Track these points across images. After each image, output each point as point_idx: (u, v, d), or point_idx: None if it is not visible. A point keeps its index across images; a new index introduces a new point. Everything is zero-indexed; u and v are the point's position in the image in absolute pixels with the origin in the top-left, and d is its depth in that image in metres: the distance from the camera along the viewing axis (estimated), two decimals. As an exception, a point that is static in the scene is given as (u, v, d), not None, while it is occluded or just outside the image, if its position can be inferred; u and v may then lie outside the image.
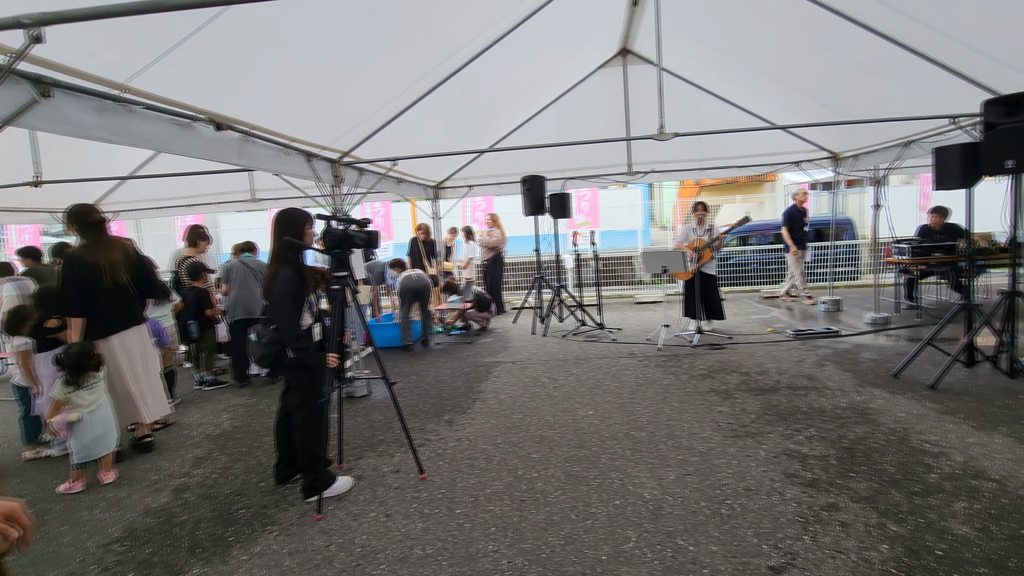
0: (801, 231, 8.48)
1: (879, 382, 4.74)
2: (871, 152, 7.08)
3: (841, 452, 3.49)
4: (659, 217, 16.72)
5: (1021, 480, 3.01)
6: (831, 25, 4.64)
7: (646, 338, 6.88)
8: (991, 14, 3.92)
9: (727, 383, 4.97)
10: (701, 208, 6.84)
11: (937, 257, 7.18)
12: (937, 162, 4.69)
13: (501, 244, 9.15)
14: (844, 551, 2.55)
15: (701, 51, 6.46)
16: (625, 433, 4.02)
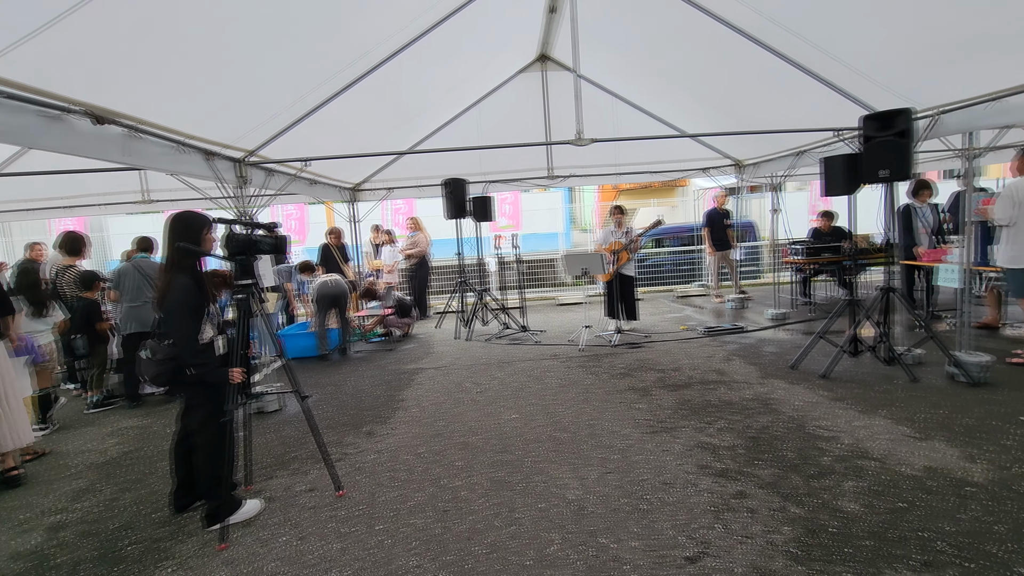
0: (722, 232, 8.96)
1: (779, 374, 5.10)
2: (769, 160, 7.65)
3: (748, 442, 3.71)
4: (580, 220, 17.20)
5: (898, 457, 3.34)
6: (732, 41, 4.95)
7: (568, 339, 7.01)
8: (867, 40, 4.35)
9: (645, 381, 5.15)
10: (618, 212, 7.07)
11: (826, 257, 7.88)
12: (824, 171, 5.12)
13: (426, 248, 8.99)
14: (752, 536, 2.69)
15: (617, 60, 6.69)
16: (549, 435, 4.04)
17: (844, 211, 6.00)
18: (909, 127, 4.42)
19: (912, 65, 4.37)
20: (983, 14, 3.58)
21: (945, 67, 4.20)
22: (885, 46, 4.34)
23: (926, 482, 3.04)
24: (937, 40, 3.99)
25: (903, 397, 4.29)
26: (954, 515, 2.73)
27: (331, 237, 8.56)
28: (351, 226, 8.49)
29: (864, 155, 4.63)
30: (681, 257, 11.23)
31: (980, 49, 3.87)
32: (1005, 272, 5.01)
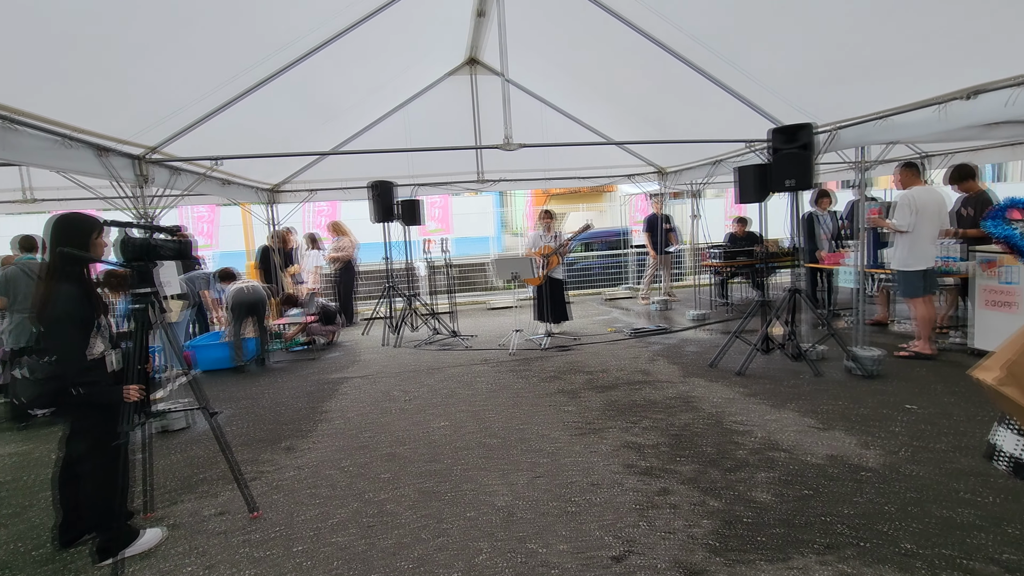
0: (663, 235, 9.26)
1: (700, 372, 5.34)
2: (690, 168, 8.04)
3: (670, 439, 3.84)
4: (512, 224, 17.32)
5: (804, 448, 3.57)
6: (654, 53, 5.14)
7: (499, 343, 7.00)
8: (775, 59, 4.65)
9: (574, 383, 5.22)
10: (547, 216, 7.16)
11: (741, 260, 8.38)
12: (738, 179, 5.42)
13: (351, 252, 8.68)
14: (674, 531, 2.77)
15: (546, 66, 6.78)
16: (479, 441, 3.99)
17: (757, 217, 6.40)
18: (811, 141, 4.77)
19: (814, 84, 4.73)
20: (873, 41, 3.92)
21: (841, 87, 4.57)
22: (791, 66, 4.66)
23: (828, 469, 3.27)
24: (835, 62, 4.34)
25: (808, 391, 4.61)
26: (852, 499, 2.94)
27: (275, 240, 8.08)
28: (269, 228, 8.05)
29: (772, 165, 4.95)
30: (609, 260, 11.55)
31: (870, 72, 4.24)
32: (897, 274, 5.49)
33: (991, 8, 3.06)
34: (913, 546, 2.53)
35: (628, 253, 11.44)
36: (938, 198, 5.32)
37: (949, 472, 3.15)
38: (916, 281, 5.28)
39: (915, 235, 5.21)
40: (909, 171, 5.51)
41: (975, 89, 3.69)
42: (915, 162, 5.78)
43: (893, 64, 4.05)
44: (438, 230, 10.12)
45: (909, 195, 5.26)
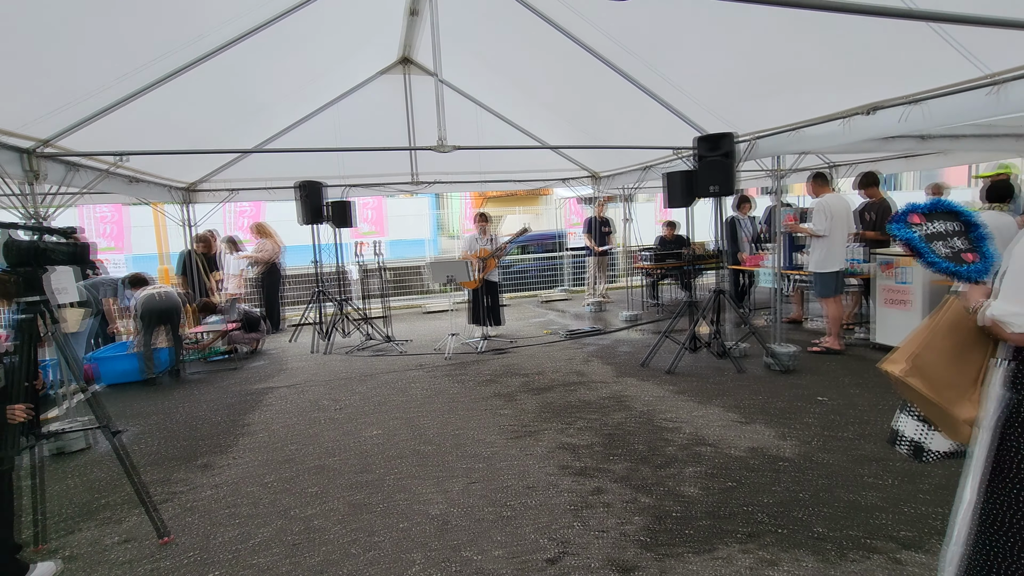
0: (602, 239, 9.42)
1: (632, 372, 5.48)
2: (622, 173, 8.26)
3: (604, 439, 3.90)
4: (448, 226, 17.16)
5: (728, 441, 3.73)
6: (585, 59, 5.24)
7: (435, 348, 6.89)
8: (700, 70, 4.85)
9: (510, 386, 5.21)
10: (482, 219, 7.13)
11: (670, 262, 8.71)
12: (666, 185, 5.63)
13: (276, 255, 8.25)
14: (607, 529, 2.80)
15: (481, 69, 6.75)
16: (413, 449, 3.89)
17: (685, 221, 6.67)
18: (732, 149, 5.02)
19: (735, 96, 4.98)
20: (786, 57, 4.18)
21: (759, 100, 4.84)
22: (714, 78, 4.89)
23: (750, 461, 3.43)
24: (752, 77, 4.59)
25: (732, 387, 4.84)
26: (771, 488, 3.10)
27: (200, 244, 7.51)
28: (185, 230, 7.51)
29: (698, 172, 5.17)
30: (545, 263, 11.70)
31: (784, 87, 4.52)
32: (813, 275, 5.88)
33: (887, 32, 3.32)
34: (824, 529, 2.69)
35: (564, 256, 11.62)
36: (846, 204, 5.75)
37: (855, 458, 3.39)
38: (830, 282, 5.68)
39: (830, 239, 5.60)
40: (819, 180, 5.93)
41: (874, 105, 4.01)
42: (824, 172, 6.23)
43: (804, 80, 4.34)
44: (371, 232, 9.82)
45: (823, 202, 5.66)
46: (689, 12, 4.08)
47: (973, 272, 1.73)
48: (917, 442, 1.90)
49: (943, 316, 1.76)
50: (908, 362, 1.73)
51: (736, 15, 3.83)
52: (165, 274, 9.18)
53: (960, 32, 3.07)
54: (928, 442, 1.87)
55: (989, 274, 1.72)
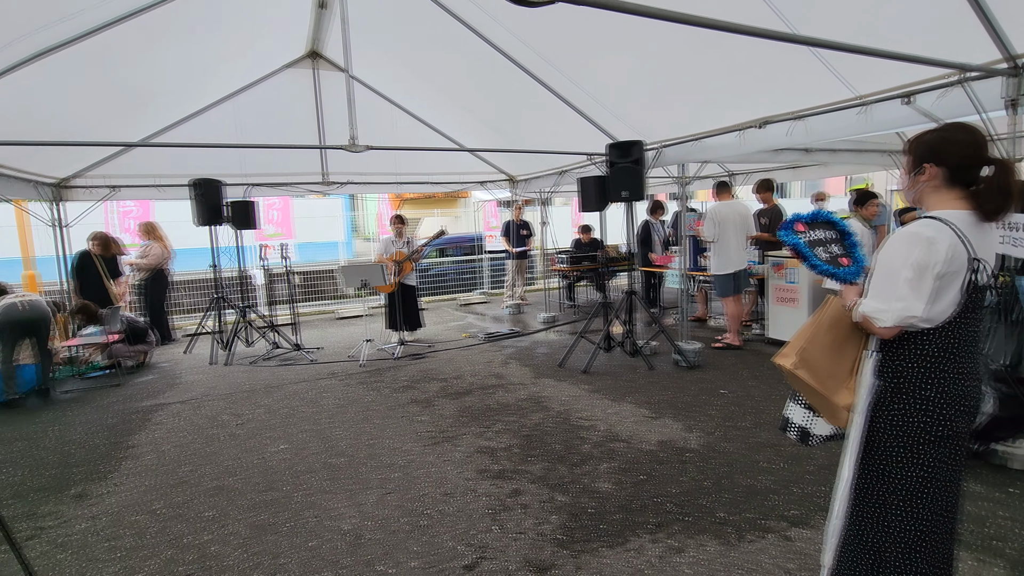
0: (520, 242, 9.45)
1: (550, 372, 5.56)
2: (538, 177, 8.40)
3: (522, 440, 3.91)
4: (363, 229, 16.60)
5: (640, 436, 3.87)
6: (501, 63, 5.26)
7: (348, 355, 6.61)
8: (612, 80, 5.03)
9: (427, 392, 5.10)
10: (398, 221, 6.96)
11: (585, 265, 8.97)
12: (580, 189, 5.78)
13: (164, 260, 7.51)
14: (524, 531, 2.80)
15: (396, 69, 6.59)
16: (323, 463, 3.69)
17: (598, 225, 6.88)
18: (642, 156, 5.24)
19: (643, 106, 5.22)
20: (690, 71, 4.43)
21: (665, 110, 5.10)
22: (624, 87, 5.09)
23: (659, 454, 3.58)
24: (659, 87, 4.83)
25: (643, 384, 5.04)
26: (678, 479, 3.25)
27: (94, 244, 6.62)
28: (56, 231, 6.66)
29: (610, 178, 5.35)
30: (464, 266, 11.64)
31: (688, 99, 4.80)
32: (714, 277, 6.28)
33: (776, 54, 3.61)
34: (725, 514, 2.85)
35: (483, 259, 11.63)
36: (742, 210, 6.20)
37: (752, 445, 3.64)
38: (728, 283, 6.09)
39: (724, 243, 6.01)
40: (721, 188, 6.34)
41: (765, 120, 4.36)
42: (725, 181, 6.70)
43: (705, 94, 4.63)
44: (277, 234, 9.22)
45: (712, 210, 6.09)
46: (601, 25, 4.21)
47: (848, 274, 1.91)
48: (804, 428, 2.06)
49: (825, 313, 1.93)
50: (797, 356, 1.88)
51: (644, 31, 4.00)
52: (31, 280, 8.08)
53: (835, 58, 3.41)
54: (812, 427, 2.03)
55: (860, 276, 1.91)
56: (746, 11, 3.22)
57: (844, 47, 2.34)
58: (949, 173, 1.73)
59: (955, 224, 1.67)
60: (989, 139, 1.76)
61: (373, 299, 9.86)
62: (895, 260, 1.70)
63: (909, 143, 1.84)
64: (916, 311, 1.66)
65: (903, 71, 3.09)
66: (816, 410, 2.01)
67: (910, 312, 1.66)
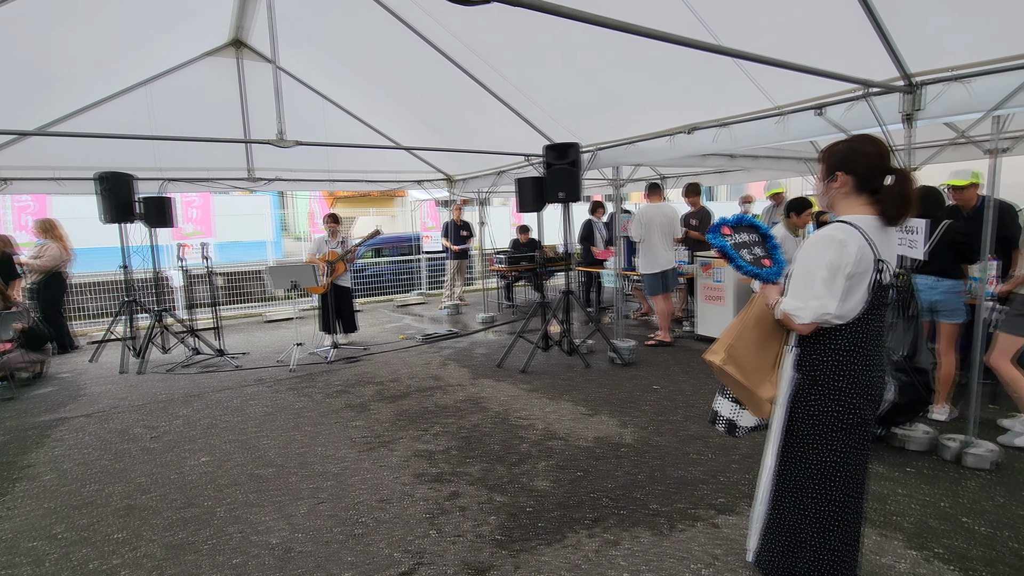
0: (461, 242, 9.32)
1: (488, 373, 5.55)
2: (476, 177, 8.36)
3: (460, 442, 3.87)
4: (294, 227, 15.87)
5: (577, 433, 3.93)
6: (440, 63, 5.19)
7: (277, 360, 6.30)
8: (548, 82, 5.07)
9: (363, 396, 4.95)
10: (331, 220, 6.71)
11: (523, 265, 9.03)
12: (518, 190, 5.81)
13: (62, 261, 6.80)
14: (463, 533, 2.77)
15: (327, 62, 6.34)
16: (249, 474, 3.48)
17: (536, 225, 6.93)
18: (578, 158, 5.33)
19: (579, 109, 5.30)
20: (622, 77, 4.54)
21: (600, 114, 5.21)
22: (562, 91, 5.15)
23: (595, 450, 3.65)
24: (596, 92, 4.92)
25: (580, 381, 5.13)
26: (614, 473, 3.32)
27: None
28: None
29: (547, 179, 5.40)
30: (401, 266, 11.42)
31: (622, 103, 4.92)
32: (642, 276, 6.49)
33: (703, 63, 3.76)
34: (658, 506, 2.95)
35: (420, 259, 11.45)
36: (668, 212, 6.45)
37: (683, 438, 3.78)
38: (656, 282, 6.32)
39: (648, 244, 6.22)
40: (652, 191, 6.57)
41: (693, 126, 4.55)
42: (657, 183, 6.94)
43: (638, 99, 4.77)
44: (196, 233, 8.60)
45: (639, 211, 6.31)
46: (538, 28, 4.24)
47: (770, 274, 2.03)
48: (731, 420, 2.16)
49: (750, 312, 2.04)
50: (725, 352, 1.97)
51: (579, 36, 4.08)
52: None
53: (756, 70, 3.61)
54: (739, 419, 2.14)
55: (781, 276, 2.03)
56: (674, 21, 3.35)
57: (763, 59, 2.47)
58: (857, 181, 1.87)
59: (863, 228, 1.81)
60: (890, 150, 1.92)
61: (304, 301, 9.46)
62: (811, 261, 1.82)
63: (823, 152, 1.97)
64: (830, 308, 1.78)
65: (816, 85, 3.31)
66: (742, 403, 2.11)
67: (825, 309, 1.78)
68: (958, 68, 2.95)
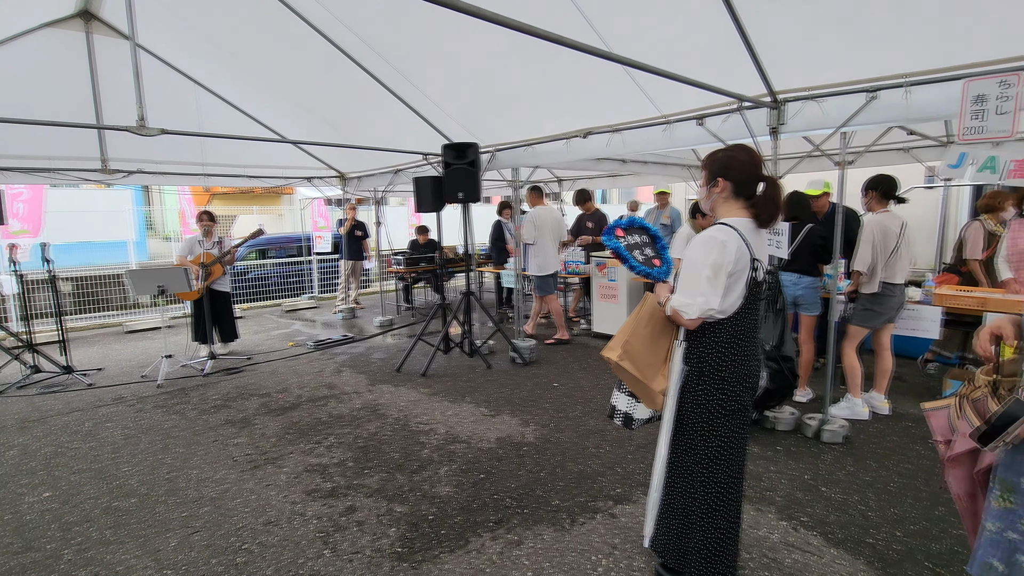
0: (356, 243, 8.83)
1: (387, 378, 5.33)
2: (371, 175, 8.03)
3: (357, 452, 3.66)
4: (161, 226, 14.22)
5: (479, 435, 3.89)
6: (331, 54, 4.88)
7: (142, 375, 5.59)
8: (445, 81, 4.97)
9: (245, 410, 4.53)
10: (206, 218, 6.09)
11: (423, 266, 8.84)
12: (416, 190, 5.64)
13: None
14: (360, 550, 2.61)
15: (201, 46, 5.72)
16: (104, 508, 3.03)
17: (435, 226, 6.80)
18: (477, 159, 5.30)
19: (479, 110, 5.26)
20: (522, 80, 4.57)
21: (500, 115, 5.21)
22: (461, 91, 5.07)
23: (498, 451, 3.63)
24: (495, 93, 4.91)
25: (482, 383, 5.10)
26: (516, 473, 3.32)
27: None
28: None
29: (446, 178, 5.31)
30: (289, 269, 10.69)
31: (521, 106, 4.95)
32: (535, 278, 6.60)
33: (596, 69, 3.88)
34: (559, 501, 2.99)
35: (311, 260, 10.80)
36: (556, 215, 6.61)
37: (582, 433, 3.88)
38: (548, 283, 6.46)
39: (541, 246, 6.34)
40: (534, 193, 6.68)
41: (588, 130, 4.70)
42: (538, 186, 7.03)
43: (536, 102, 4.83)
44: (23, 232, 7.26)
45: (530, 214, 6.40)
46: (435, 24, 4.14)
47: (660, 274, 2.15)
48: (627, 413, 2.23)
49: (643, 309, 2.12)
50: (621, 348, 2.04)
51: (477, 35, 4.03)
52: None
53: (645, 80, 3.81)
54: (635, 412, 2.21)
55: (670, 275, 2.14)
56: (570, 27, 3.43)
57: (650, 68, 2.59)
58: (735, 187, 2.01)
59: (740, 229, 1.95)
60: (762, 159, 2.09)
61: (175, 308, 8.51)
62: (697, 261, 1.93)
63: (705, 160, 2.11)
64: (714, 304, 1.89)
65: (697, 96, 3.55)
66: (637, 396, 2.18)
67: (709, 305, 1.89)
68: (813, 88, 3.32)
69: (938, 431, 1.66)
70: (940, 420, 1.65)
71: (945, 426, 1.63)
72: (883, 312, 3.87)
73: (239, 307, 9.38)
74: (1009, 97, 2.47)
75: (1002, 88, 2.49)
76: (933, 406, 1.69)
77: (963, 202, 7.89)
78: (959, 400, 1.60)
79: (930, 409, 1.70)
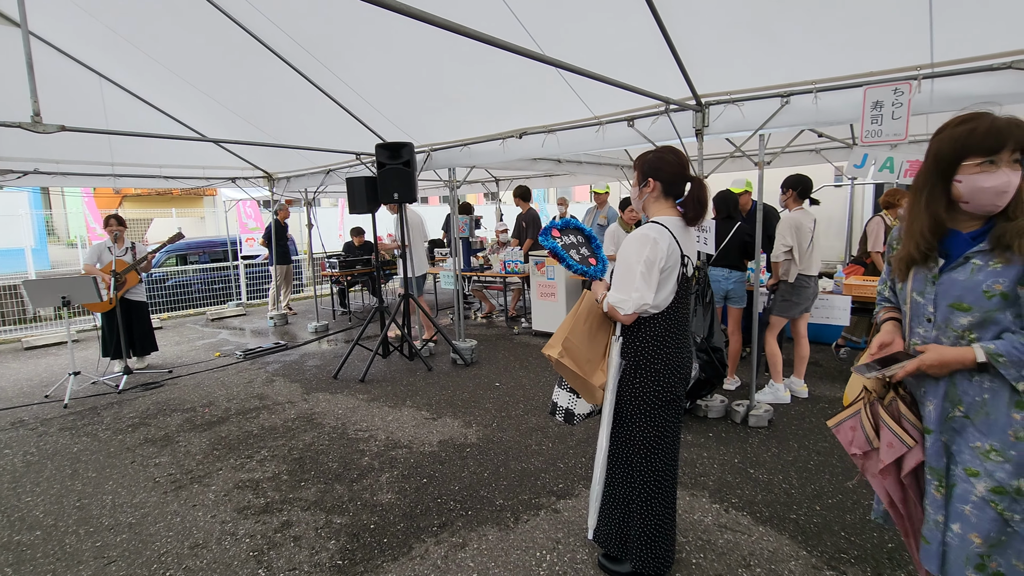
0: (284, 245, 8.43)
1: (323, 386, 5.14)
2: (301, 176, 7.71)
3: (292, 465, 3.51)
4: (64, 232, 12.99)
5: (421, 439, 3.83)
6: (255, 49, 4.64)
7: (44, 395, 5.09)
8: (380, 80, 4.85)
9: (166, 427, 4.23)
10: (115, 223, 5.62)
11: (359, 269, 8.59)
12: (349, 190, 5.48)
13: None
14: (297, 566, 2.50)
15: (107, 36, 5.26)
16: (4, 543, 2.74)
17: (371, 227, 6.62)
18: (412, 158, 5.21)
19: (414, 110, 5.16)
20: (457, 80, 4.53)
21: (435, 115, 5.14)
22: (395, 90, 4.96)
23: (440, 454, 3.59)
24: (430, 93, 4.83)
25: (422, 386, 5.02)
26: (459, 475, 3.29)
27: None
28: None
29: (379, 179, 5.19)
30: (214, 275, 10.09)
31: (456, 106, 4.90)
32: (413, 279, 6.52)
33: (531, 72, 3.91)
34: (503, 500, 2.99)
35: (238, 266, 10.25)
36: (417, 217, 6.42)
37: (524, 431, 3.91)
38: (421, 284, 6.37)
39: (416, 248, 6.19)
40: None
41: (523, 131, 4.73)
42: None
43: (471, 102, 4.80)
44: None
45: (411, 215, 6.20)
46: (366, 24, 4.03)
47: (596, 272, 2.20)
48: (569, 409, 2.26)
49: (581, 306, 2.16)
50: (561, 345, 2.07)
51: (410, 34, 3.96)
52: None
53: (578, 82, 3.87)
54: (576, 408, 2.25)
55: (605, 273, 2.20)
56: (502, 28, 3.44)
57: (581, 71, 2.64)
58: (664, 186, 2.09)
59: (670, 227, 2.03)
60: (689, 160, 2.19)
61: (82, 320, 7.81)
62: (630, 258, 1.98)
63: (636, 161, 2.18)
64: (648, 299, 1.96)
65: (628, 99, 3.66)
66: (578, 392, 2.22)
67: (643, 300, 1.95)
68: (734, 93, 3.50)
69: (854, 444, 1.65)
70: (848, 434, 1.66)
71: (861, 438, 1.62)
72: (800, 302, 4.15)
73: (158, 317, 8.75)
74: (902, 104, 2.71)
75: (896, 95, 2.73)
76: (837, 421, 1.71)
77: (867, 199, 8.62)
78: (869, 410, 1.62)
79: (835, 425, 1.71)
